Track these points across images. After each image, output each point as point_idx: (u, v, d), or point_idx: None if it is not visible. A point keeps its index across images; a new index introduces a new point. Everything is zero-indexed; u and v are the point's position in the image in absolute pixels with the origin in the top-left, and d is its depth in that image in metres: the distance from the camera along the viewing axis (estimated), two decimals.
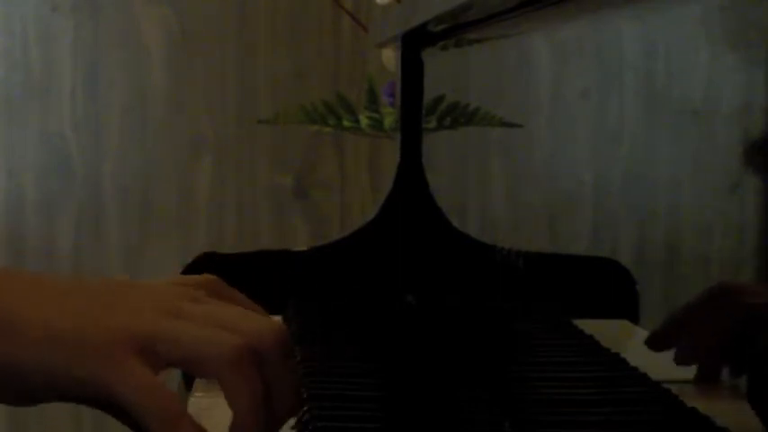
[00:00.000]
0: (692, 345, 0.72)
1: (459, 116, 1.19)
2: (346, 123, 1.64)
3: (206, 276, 0.78)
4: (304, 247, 1.28)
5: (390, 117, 1.60)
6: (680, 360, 0.73)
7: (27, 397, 0.74)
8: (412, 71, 1.26)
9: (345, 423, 0.83)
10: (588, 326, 0.92)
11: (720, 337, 0.68)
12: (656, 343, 0.76)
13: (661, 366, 0.75)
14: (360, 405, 0.87)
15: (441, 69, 1.25)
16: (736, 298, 0.65)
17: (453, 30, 1.16)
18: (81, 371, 0.69)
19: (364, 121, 1.63)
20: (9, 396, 0.76)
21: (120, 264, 2.39)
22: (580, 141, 0.89)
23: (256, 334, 0.70)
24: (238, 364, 0.69)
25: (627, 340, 0.85)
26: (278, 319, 0.75)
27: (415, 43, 1.26)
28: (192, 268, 1.23)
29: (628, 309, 0.80)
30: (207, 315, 0.72)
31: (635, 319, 0.80)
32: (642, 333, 0.79)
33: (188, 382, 1.01)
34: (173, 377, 0.91)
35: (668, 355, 0.73)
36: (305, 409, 0.85)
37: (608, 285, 0.84)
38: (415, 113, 1.27)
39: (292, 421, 0.83)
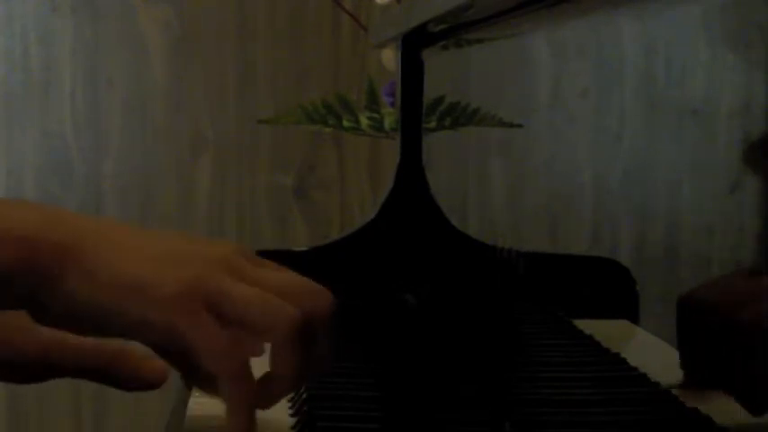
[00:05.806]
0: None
1: (459, 116, 1.19)
2: (346, 123, 1.64)
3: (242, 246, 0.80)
4: (304, 247, 1.28)
5: (390, 117, 1.60)
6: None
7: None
8: (412, 71, 1.26)
9: (345, 423, 0.83)
10: (588, 326, 0.92)
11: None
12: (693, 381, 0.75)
13: (661, 366, 0.75)
14: (360, 405, 0.87)
15: (441, 69, 1.25)
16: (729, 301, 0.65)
17: (453, 30, 1.16)
18: (156, 316, 0.71)
19: (364, 122, 1.63)
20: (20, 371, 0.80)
21: None
22: (580, 141, 0.89)
23: (313, 306, 0.74)
24: (291, 337, 0.72)
25: (627, 340, 0.85)
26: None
27: (415, 43, 1.26)
28: None
29: (628, 309, 0.80)
30: (268, 279, 0.75)
31: (635, 319, 0.80)
32: (642, 333, 0.79)
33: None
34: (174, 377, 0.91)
35: (668, 355, 0.72)
36: (305, 409, 0.85)
37: (608, 285, 0.84)
38: (415, 113, 1.27)
39: (293, 421, 0.84)
